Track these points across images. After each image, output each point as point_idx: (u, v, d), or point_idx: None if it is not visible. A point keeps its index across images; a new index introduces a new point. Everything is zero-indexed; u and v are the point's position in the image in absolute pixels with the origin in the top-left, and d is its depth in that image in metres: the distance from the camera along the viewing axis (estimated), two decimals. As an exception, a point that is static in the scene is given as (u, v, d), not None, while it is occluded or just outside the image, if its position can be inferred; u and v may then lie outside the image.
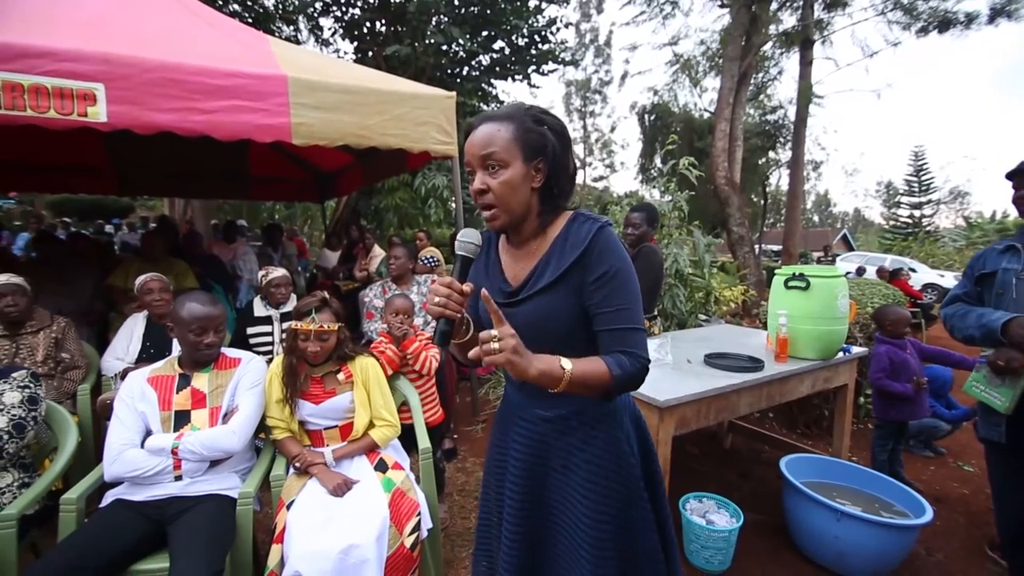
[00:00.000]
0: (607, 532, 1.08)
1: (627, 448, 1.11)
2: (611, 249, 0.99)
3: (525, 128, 0.98)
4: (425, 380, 2.41)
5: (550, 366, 0.91)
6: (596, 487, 1.08)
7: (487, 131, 0.99)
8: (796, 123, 11.90)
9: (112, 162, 5.42)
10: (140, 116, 2.33)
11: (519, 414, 1.18)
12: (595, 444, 1.10)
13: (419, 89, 3.23)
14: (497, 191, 0.98)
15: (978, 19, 9.62)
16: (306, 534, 1.54)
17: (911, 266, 13.19)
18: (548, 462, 1.14)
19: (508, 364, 0.85)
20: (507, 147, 0.97)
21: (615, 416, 1.12)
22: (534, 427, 1.15)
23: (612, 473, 1.09)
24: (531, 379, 0.89)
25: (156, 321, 2.65)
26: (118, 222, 14.88)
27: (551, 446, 1.13)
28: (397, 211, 7.36)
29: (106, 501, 1.62)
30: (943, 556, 2.32)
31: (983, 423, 1.82)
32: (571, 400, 1.08)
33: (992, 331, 1.64)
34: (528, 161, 0.99)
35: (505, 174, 0.97)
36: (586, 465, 1.10)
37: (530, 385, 1.08)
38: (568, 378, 0.91)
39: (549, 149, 1.00)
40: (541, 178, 1.01)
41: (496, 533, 1.24)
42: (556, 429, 1.12)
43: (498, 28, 8.92)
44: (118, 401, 1.69)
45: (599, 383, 0.95)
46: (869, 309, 3.62)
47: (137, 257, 3.94)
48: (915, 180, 27.33)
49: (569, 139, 1.05)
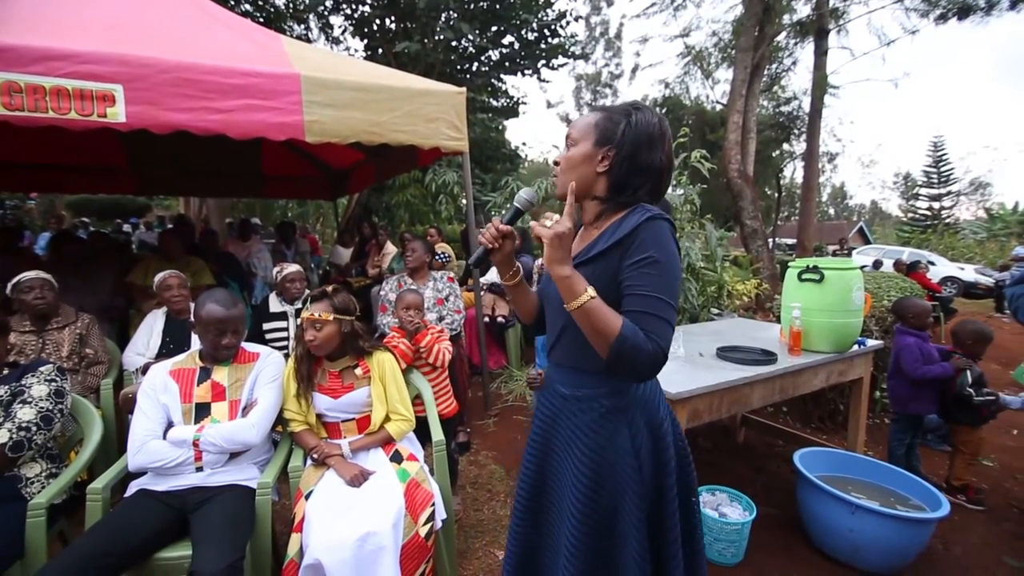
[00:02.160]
0: (590, 530, 1.08)
1: (628, 449, 1.09)
2: (655, 239, 1.00)
3: (609, 118, 1.08)
4: (439, 373, 2.44)
5: (579, 280, 0.98)
6: (588, 479, 1.09)
7: (581, 117, 1.14)
8: (811, 114, 11.69)
9: (130, 162, 5.53)
10: (157, 116, 2.37)
11: (547, 389, 1.25)
12: (597, 435, 1.10)
13: (429, 85, 3.25)
14: (562, 163, 1.13)
15: (999, 4, 9.36)
16: (325, 523, 1.57)
17: (930, 259, 12.94)
18: (556, 440, 1.19)
19: (550, 243, 0.97)
20: (583, 130, 1.10)
21: (627, 414, 1.11)
22: (552, 403, 1.21)
23: (605, 469, 1.09)
24: (557, 275, 0.98)
25: (175, 316, 2.71)
26: (136, 221, 15.13)
27: (561, 424, 1.17)
28: (408, 207, 7.41)
29: (130, 491, 1.67)
30: (960, 551, 2.29)
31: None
32: (588, 383, 1.12)
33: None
34: (598, 145, 1.08)
35: (572, 151, 1.11)
36: (584, 452, 1.11)
37: (557, 356, 1.20)
38: (585, 301, 0.95)
39: (618, 139, 1.06)
40: (607, 164, 1.08)
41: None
42: (569, 408, 1.15)
43: (507, 23, 8.90)
44: (141, 393, 1.74)
45: (606, 330, 0.95)
46: (885, 303, 3.57)
47: (155, 255, 4.02)
48: (934, 171, 26.80)
49: (654, 139, 1.06)
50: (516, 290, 1.26)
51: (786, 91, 15.32)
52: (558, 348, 1.19)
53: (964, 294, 12.47)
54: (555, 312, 1.16)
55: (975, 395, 2.57)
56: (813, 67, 10.95)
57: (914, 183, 30.36)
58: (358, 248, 6.57)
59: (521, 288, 1.26)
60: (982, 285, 12.21)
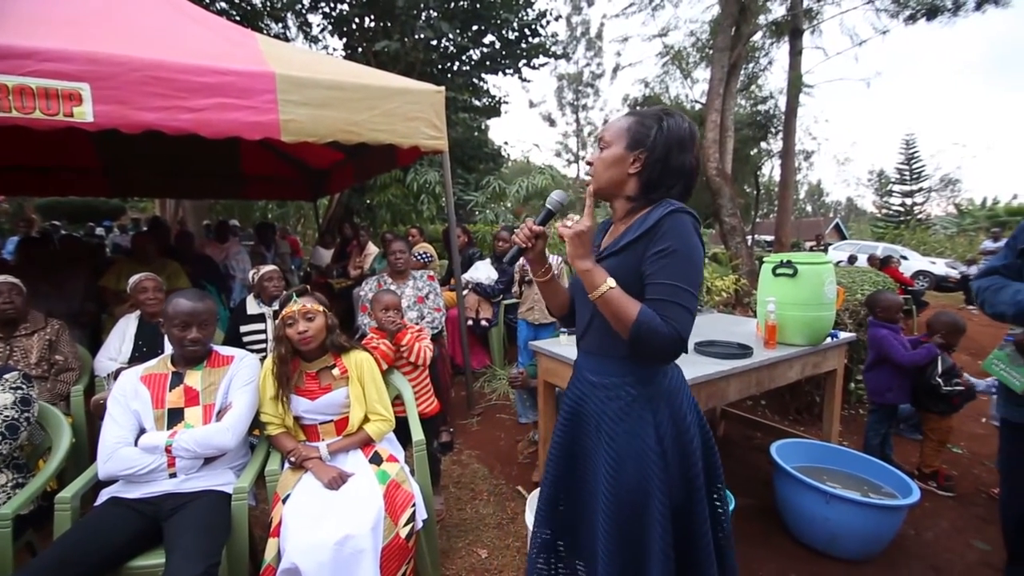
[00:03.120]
0: (619, 514, 1.13)
1: (652, 437, 1.13)
2: (678, 231, 1.06)
3: (641, 122, 1.14)
4: (419, 372, 2.42)
5: (599, 272, 1.07)
6: (614, 464, 1.14)
7: (614, 120, 1.20)
8: (786, 113, 11.91)
9: (102, 163, 5.40)
10: (127, 115, 2.32)
11: (577, 375, 1.31)
12: (623, 422, 1.15)
13: (408, 84, 3.23)
14: (596, 164, 1.20)
15: (965, 5, 9.65)
16: (302, 527, 1.55)
17: (903, 254, 13.28)
18: (585, 425, 1.24)
19: (570, 241, 1.08)
20: (616, 133, 1.16)
21: (652, 402, 1.15)
22: (582, 388, 1.26)
23: (629, 457, 1.13)
24: (579, 269, 1.08)
25: (148, 320, 2.65)
26: (109, 224, 14.76)
27: (589, 411, 1.22)
28: (390, 207, 7.36)
29: (101, 499, 1.63)
30: (932, 536, 2.36)
31: (1005, 405, 1.72)
32: (616, 370, 1.18)
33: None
34: (630, 149, 1.14)
35: (605, 153, 1.17)
36: (611, 438, 1.16)
37: (587, 344, 1.28)
38: (605, 291, 1.05)
39: (650, 143, 1.12)
40: (639, 166, 1.14)
41: None
42: (597, 395, 1.21)
43: (488, 22, 8.89)
44: (111, 400, 1.69)
45: (625, 317, 1.03)
46: (859, 296, 3.65)
47: (128, 258, 3.93)
48: (906, 168, 27.46)
49: (684, 143, 1.13)
50: (548, 286, 1.33)
51: (763, 90, 15.58)
52: (587, 337, 1.26)
53: (935, 287, 12.81)
54: (584, 303, 1.22)
55: (943, 384, 2.65)
56: (788, 66, 11.16)
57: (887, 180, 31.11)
58: (339, 249, 6.50)
59: (552, 284, 1.33)
60: (952, 278, 12.56)
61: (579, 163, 30.86)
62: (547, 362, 2.47)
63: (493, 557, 2.19)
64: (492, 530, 2.38)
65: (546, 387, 2.55)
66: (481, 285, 4.35)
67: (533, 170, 6.93)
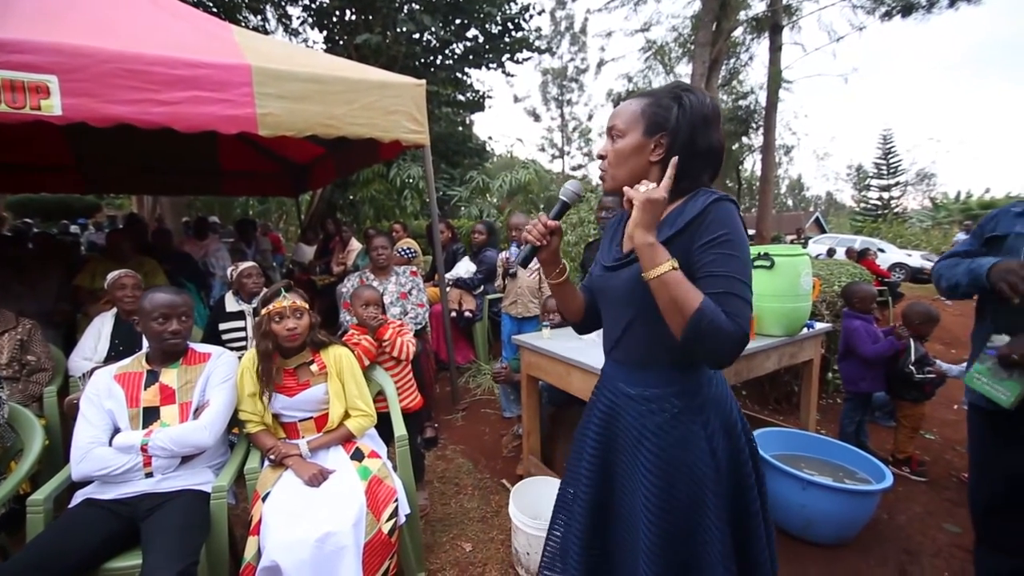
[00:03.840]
0: (667, 532, 1.04)
1: (704, 449, 1.04)
2: (725, 219, 0.96)
3: (656, 103, 1.02)
4: (402, 367, 2.42)
5: (661, 250, 0.94)
6: (660, 480, 1.05)
7: (621, 106, 1.07)
8: (767, 108, 12.08)
9: (76, 159, 5.26)
10: (96, 108, 2.27)
11: (607, 385, 1.19)
12: (669, 436, 1.05)
13: (388, 77, 3.20)
14: (609, 157, 1.07)
15: (939, 3, 9.87)
16: (282, 524, 1.54)
17: (880, 246, 13.57)
18: (620, 440, 1.13)
19: (641, 207, 0.93)
20: (629, 120, 1.04)
21: (701, 414, 1.06)
22: (616, 401, 1.15)
23: (680, 472, 1.04)
24: (640, 242, 0.94)
25: (125, 319, 2.60)
26: (84, 222, 14.41)
27: (627, 425, 1.12)
28: (373, 203, 7.29)
29: (75, 501, 1.60)
30: (904, 519, 2.43)
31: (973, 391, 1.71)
32: (657, 381, 1.08)
33: (979, 276, 1.53)
34: (649, 135, 1.03)
35: (620, 143, 1.05)
36: (654, 453, 1.06)
37: (620, 354, 1.15)
38: (667, 271, 0.91)
39: (672, 125, 1.01)
40: (661, 152, 1.02)
41: (571, 501, 1.25)
42: (635, 408, 1.10)
43: (471, 16, 8.84)
44: (84, 399, 1.66)
45: (685, 304, 0.89)
46: (836, 288, 3.73)
47: (104, 257, 3.83)
48: (883, 163, 28.05)
49: (708, 119, 1.02)
50: (562, 288, 1.21)
51: (744, 85, 15.76)
52: (621, 346, 1.14)
53: (911, 279, 13.12)
54: (619, 307, 1.12)
55: (916, 372, 2.72)
56: (768, 62, 11.30)
57: (865, 175, 31.77)
58: (322, 245, 6.43)
59: (566, 287, 1.22)
60: (927, 270, 12.87)
61: (564, 158, 30.91)
62: (530, 356, 2.48)
63: (477, 550, 2.20)
64: (477, 524, 2.39)
65: (529, 381, 2.56)
66: (461, 278, 4.35)
67: (516, 165, 6.91)
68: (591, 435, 1.20)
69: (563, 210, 1.12)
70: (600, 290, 1.21)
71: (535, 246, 1.10)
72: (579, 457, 1.23)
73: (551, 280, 1.19)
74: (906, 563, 2.12)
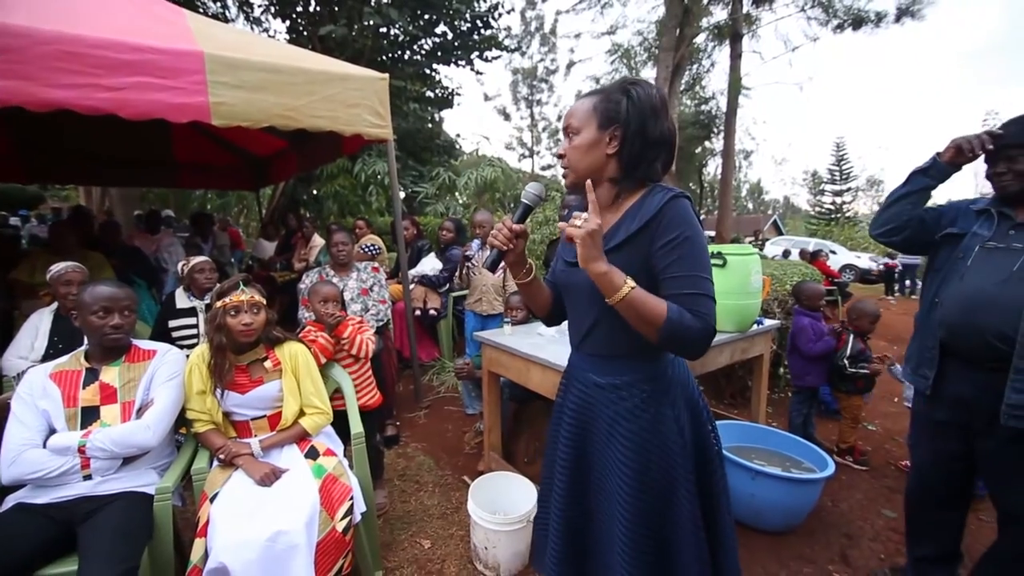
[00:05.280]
0: (642, 510, 1.10)
1: (674, 428, 1.11)
2: (682, 217, 1.01)
3: (607, 98, 1.07)
4: (360, 364, 2.38)
5: (616, 274, 0.97)
6: (635, 462, 1.10)
7: (575, 104, 1.12)
8: (727, 113, 12.47)
9: (16, 147, 4.93)
10: (34, 92, 2.14)
11: (577, 377, 1.24)
12: (641, 419, 1.11)
13: (350, 70, 3.14)
14: (569, 154, 1.11)
15: (886, 18, 10.44)
16: (231, 525, 1.49)
17: (832, 248, 14.22)
18: (594, 427, 1.18)
19: (582, 243, 0.95)
20: (583, 116, 1.08)
21: (667, 395, 1.13)
22: (587, 392, 1.20)
23: (653, 451, 1.10)
24: (594, 273, 0.97)
25: (65, 315, 2.46)
26: (26, 214, 13.54)
27: (599, 413, 1.17)
28: (337, 199, 7.14)
29: (5, 506, 1.51)
30: (847, 506, 2.56)
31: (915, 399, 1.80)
32: (625, 370, 1.14)
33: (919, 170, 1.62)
34: (603, 128, 1.07)
35: (576, 139, 1.09)
36: (628, 438, 1.11)
37: (589, 347, 1.19)
38: (626, 293, 0.95)
39: (623, 117, 1.05)
40: (616, 144, 1.07)
41: (549, 494, 1.29)
42: (607, 397, 1.15)
43: (439, 12, 8.77)
44: (16, 399, 1.57)
45: (652, 317, 0.96)
46: (788, 287, 3.89)
47: (46, 250, 3.62)
48: (837, 169, 29.41)
49: (656, 109, 1.05)
50: (530, 287, 1.25)
51: (706, 91, 16.20)
52: (590, 340, 1.18)
53: (860, 279, 13.82)
54: (583, 304, 1.16)
55: (848, 367, 2.88)
56: (729, 69, 11.65)
57: (820, 180, 33.21)
58: (283, 241, 6.27)
59: (534, 285, 1.25)
60: (875, 272, 13.58)
61: (533, 157, 31.05)
62: (491, 352, 2.49)
63: (437, 547, 2.19)
64: (436, 520, 2.38)
65: (491, 377, 2.57)
66: (426, 276, 4.32)
67: (482, 162, 6.90)
68: (565, 426, 1.24)
69: (526, 213, 1.14)
70: (564, 285, 1.24)
71: (501, 250, 1.12)
72: (554, 449, 1.29)
73: (518, 280, 1.23)
74: (847, 547, 2.24)
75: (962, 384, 1.56)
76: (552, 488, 1.26)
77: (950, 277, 1.57)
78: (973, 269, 1.51)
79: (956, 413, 1.59)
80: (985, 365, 1.47)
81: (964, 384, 1.55)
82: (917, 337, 1.73)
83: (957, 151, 1.55)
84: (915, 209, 1.66)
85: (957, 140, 1.56)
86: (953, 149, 1.56)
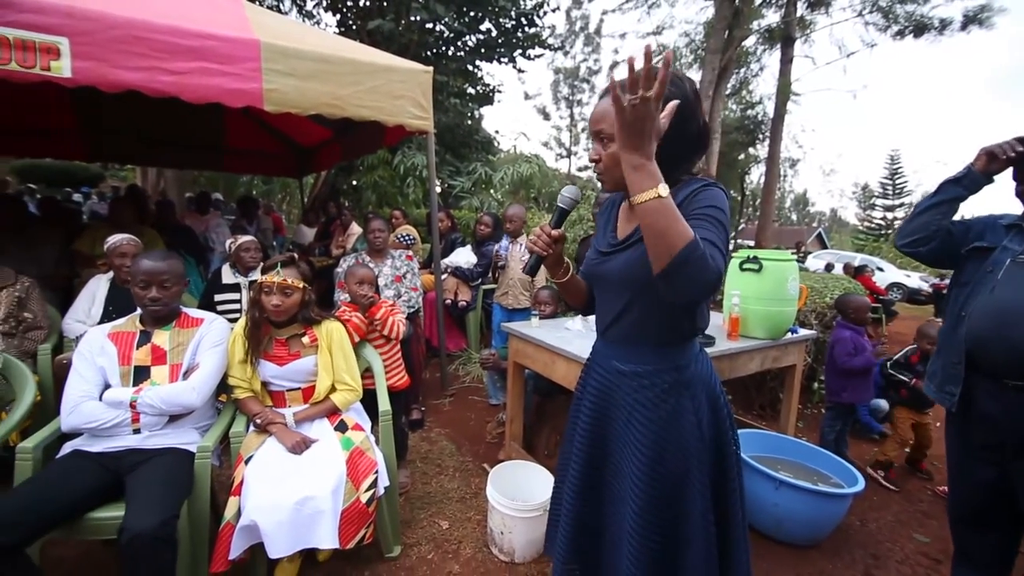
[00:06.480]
0: (654, 497, 1.10)
1: (692, 422, 1.11)
2: (713, 196, 1.01)
3: None
4: (391, 346, 2.45)
5: (655, 171, 0.87)
6: (651, 450, 1.10)
7: (602, 107, 1.06)
8: (774, 119, 12.12)
9: (81, 126, 5.27)
10: (106, 73, 2.29)
11: (599, 363, 1.25)
12: (660, 409, 1.11)
13: (395, 62, 3.22)
14: (605, 161, 1.07)
15: (951, 25, 9.89)
16: (263, 487, 1.58)
17: (879, 265, 13.63)
18: (613, 414, 1.19)
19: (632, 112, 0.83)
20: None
21: (689, 389, 1.12)
22: (609, 378, 1.20)
23: (670, 441, 1.10)
24: (633, 158, 0.87)
25: (120, 284, 2.63)
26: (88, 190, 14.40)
27: (620, 400, 1.17)
28: (376, 189, 7.30)
29: (64, 452, 1.64)
30: (875, 527, 2.47)
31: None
32: (650, 358, 1.14)
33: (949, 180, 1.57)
34: None
35: (613, 147, 1.04)
36: (645, 425, 1.12)
37: (614, 334, 1.20)
38: (658, 196, 0.86)
39: None
40: None
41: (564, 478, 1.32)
42: (628, 384, 1.15)
43: (485, 8, 8.84)
44: (77, 355, 1.70)
45: (676, 234, 0.86)
46: (828, 299, 3.77)
47: (105, 224, 3.87)
48: (889, 183, 28.09)
49: (693, 108, 1.03)
50: (567, 285, 1.29)
51: (752, 95, 15.74)
52: (616, 327, 1.18)
53: (908, 299, 13.18)
54: (613, 290, 1.16)
55: (888, 366, 2.79)
56: (778, 73, 11.30)
57: (871, 193, 31.80)
58: (323, 228, 6.46)
59: (572, 282, 1.29)
60: (924, 292, 12.94)
61: (571, 158, 30.90)
62: (517, 343, 2.52)
63: (454, 528, 2.24)
64: (455, 503, 2.43)
65: (516, 368, 2.60)
66: (460, 268, 4.38)
67: (519, 159, 6.92)
68: (585, 410, 1.25)
69: (562, 217, 1.17)
70: (595, 275, 1.24)
71: (541, 256, 1.15)
72: (572, 433, 1.30)
73: (557, 280, 1.27)
74: (872, 567, 2.17)
75: (990, 402, 1.49)
76: (568, 470, 1.28)
77: (979, 290, 1.52)
78: (1004, 282, 1.45)
79: (986, 434, 1.53)
80: (1013, 381, 1.41)
81: (992, 402, 1.48)
82: (941, 353, 1.67)
83: (989, 157, 1.51)
84: (944, 220, 1.61)
85: (988, 147, 1.51)
86: (985, 156, 1.52)
